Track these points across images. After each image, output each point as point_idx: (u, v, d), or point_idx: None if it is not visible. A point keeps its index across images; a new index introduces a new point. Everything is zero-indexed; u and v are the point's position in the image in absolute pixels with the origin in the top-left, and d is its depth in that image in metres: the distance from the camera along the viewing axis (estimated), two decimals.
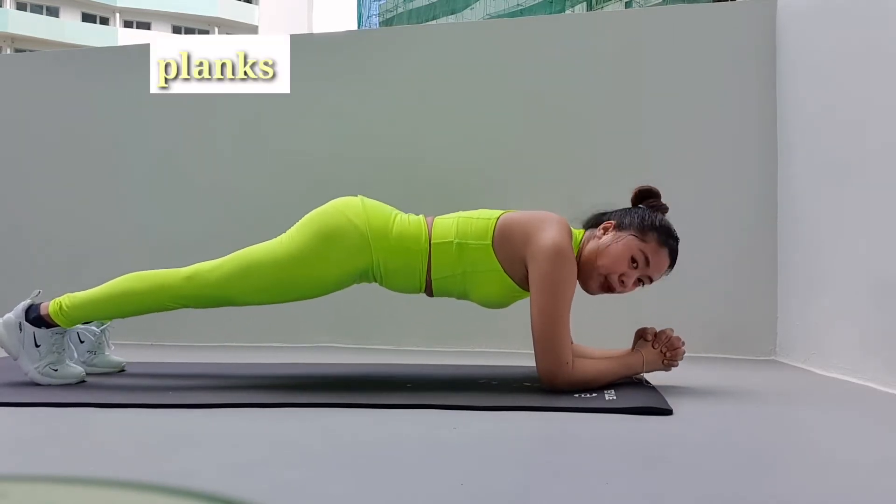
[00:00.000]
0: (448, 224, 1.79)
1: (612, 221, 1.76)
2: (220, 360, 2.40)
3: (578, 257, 1.76)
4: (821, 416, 1.59)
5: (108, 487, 0.97)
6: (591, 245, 1.75)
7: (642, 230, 1.71)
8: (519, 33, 2.92)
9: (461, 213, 1.83)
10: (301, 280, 1.76)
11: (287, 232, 1.80)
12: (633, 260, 1.70)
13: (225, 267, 1.76)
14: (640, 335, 1.84)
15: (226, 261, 1.77)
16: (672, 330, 1.81)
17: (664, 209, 1.80)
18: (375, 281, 1.84)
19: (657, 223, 1.73)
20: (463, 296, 1.83)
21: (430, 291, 1.83)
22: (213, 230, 2.96)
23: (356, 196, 1.84)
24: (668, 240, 1.73)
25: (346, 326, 2.88)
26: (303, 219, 1.81)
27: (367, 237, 1.75)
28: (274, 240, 1.79)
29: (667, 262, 1.74)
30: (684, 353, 1.81)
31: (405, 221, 1.80)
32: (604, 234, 1.74)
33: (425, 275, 1.78)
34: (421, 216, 1.84)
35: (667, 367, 1.80)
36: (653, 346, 1.79)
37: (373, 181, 2.87)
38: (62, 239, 3.13)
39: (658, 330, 1.83)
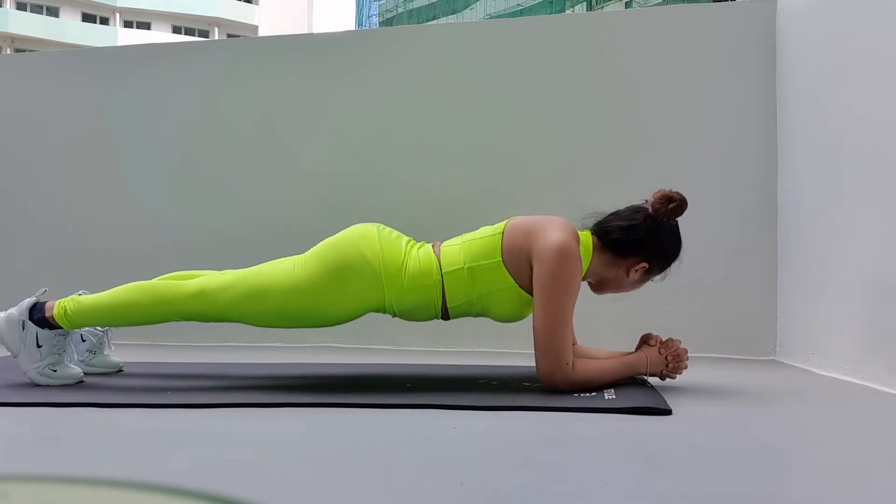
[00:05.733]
0: (455, 251, 1.75)
1: (646, 265, 1.74)
2: (220, 360, 2.40)
3: (593, 268, 1.76)
4: (821, 416, 1.59)
5: (108, 487, 0.97)
6: (619, 277, 1.76)
7: (663, 269, 1.78)
8: (519, 33, 2.92)
9: (464, 236, 1.80)
10: (311, 311, 1.74)
11: (301, 257, 1.76)
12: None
13: (235, 289, 1.72)
14: (645, 340, 1.84)
15: (236, 281, 1.74)
16: (680, 342, 1.81)
17: (682, 210, 1.73)
18: (389, 315, 1.82)
19: (678, 255, 1.77)
20: (481, 315, 1.81)
21: (445, 317, 1.80)
22: (214, 228, 2.97)
23: (373, 225, 1.80)
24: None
25: (346, 326, 2.86)
26: (318, 246, 1.77)
27: (381, 276, 1.72)
28: (286, 264, 1.75)
29: None
30: (686, 367, 1.81)
31: (416, 257, 1.75)
32: (636, 273, 1.75)
33: (440, 304, 1.76)
34: (429, 246, 1.80)
35: (663, 377, 1.80)
36: (659, 351, 1.79)
37: (372, 180, 2.88)
38: (65, 237, 3.13)
39: (665, 338, 1.82)
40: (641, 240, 1.72)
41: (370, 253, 1.72)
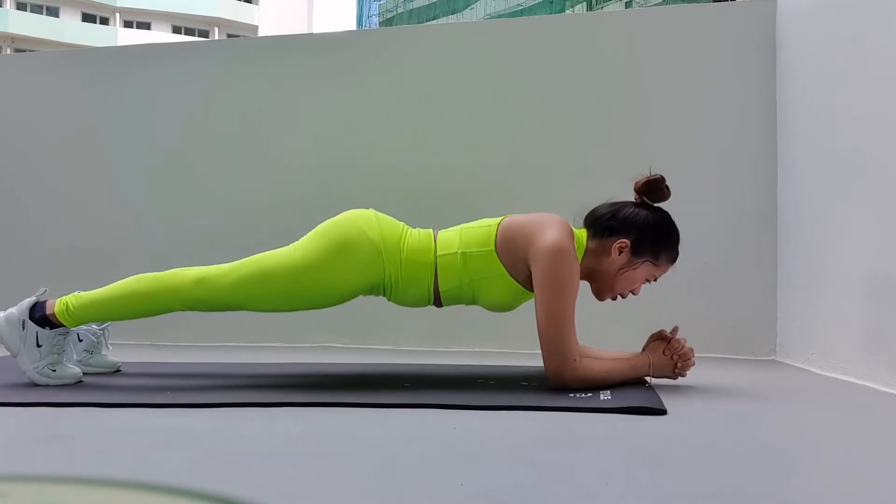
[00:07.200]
0: (451, 236, 1.80)
1: (627, 241, 1.75)
2: (219, 360, 2.40)
3: (584, 262, 1.77)
4: (821, 416, 1.59)
5: (108, 487, 0.97)
6: (606, 264, 1.77)
7: (656, 254, 1.77)
8: (519, 33, 2.92)
9: (463, 225, 1.84)
10: (312, 289, 1.75)
11: (300, 241, 1.79)
12: (647, 280, 1.81)
13: (237, 273, 1.75)
14: (654, 338, 1.84)
15: (237, 266, 1.76)
16: (686, 340, 1.81)
17: (667, 196, 1.80)
18: (384, 295, 1.84)
19: (671, 242, 1.78)
20: (472, 302, 1.84)
21: (438, 302, 1.83)
22: (214, 229, 2.97)
23: (368, 209, 1.85)
24: (677, 251, 1.80)
25: (346, 326, 2.88)
26: (316, 228, 1.80)
27: (380, 249, 1.75)
28: (286, 248, 1.78)
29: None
30: (693, 364, 1.82)
31: (415, 235, 1.81)
32: (619, 254, 1.75)
33: (433, 287, 1.78)
34: (429, 230, 1.84)
35: (675, 376, 1.81)
36: (664, 353, 1.79)
37: (372, 181, 2.88)
38: (64, 238, 3.13)
39: (673, 337, 1.82)
40: (626, 217, 1.76)
41: (369, 229, 1.77)
